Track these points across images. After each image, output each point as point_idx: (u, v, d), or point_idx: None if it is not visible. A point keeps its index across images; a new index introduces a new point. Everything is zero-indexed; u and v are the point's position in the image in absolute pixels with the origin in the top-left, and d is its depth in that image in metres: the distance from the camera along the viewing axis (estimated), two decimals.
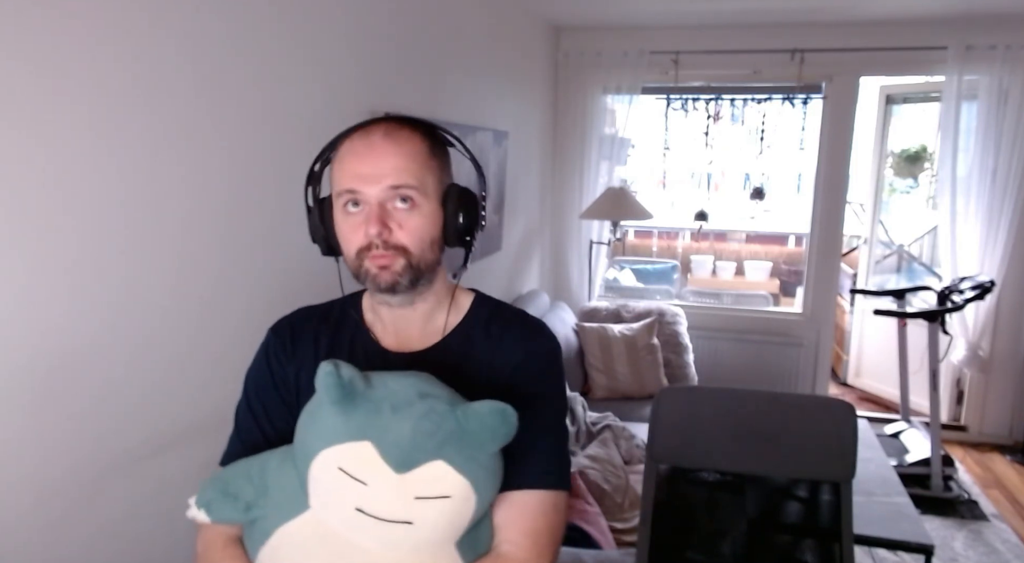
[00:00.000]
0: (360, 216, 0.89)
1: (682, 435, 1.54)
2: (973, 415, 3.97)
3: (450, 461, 0.79)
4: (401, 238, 0.89)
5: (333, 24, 1.83)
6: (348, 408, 0.79)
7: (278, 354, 0.99)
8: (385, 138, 0.90)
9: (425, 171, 0.91)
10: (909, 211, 5.47)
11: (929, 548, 2.19)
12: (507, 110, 3.30)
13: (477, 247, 1.02)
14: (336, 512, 0.80)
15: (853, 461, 1.45)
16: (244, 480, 0.88)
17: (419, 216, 0.90)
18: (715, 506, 1.59)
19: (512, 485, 0.88)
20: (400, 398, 0.81)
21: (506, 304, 1.06)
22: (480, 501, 0.82)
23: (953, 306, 3.33)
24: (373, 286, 0.92)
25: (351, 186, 0.89)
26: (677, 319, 3.91)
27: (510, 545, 0.89)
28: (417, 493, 0.78)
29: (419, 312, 0.98)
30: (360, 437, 0.78)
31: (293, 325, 1.02)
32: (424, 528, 0.79)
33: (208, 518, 0.88)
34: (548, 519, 0.92)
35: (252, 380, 1.00)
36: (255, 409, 0.98)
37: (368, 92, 2.03)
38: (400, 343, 0.98)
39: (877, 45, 3.73)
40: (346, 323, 1.01)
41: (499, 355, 0.97)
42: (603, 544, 2.12)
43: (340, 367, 0.79)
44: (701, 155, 4.25)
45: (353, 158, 0.90)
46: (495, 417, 0.80)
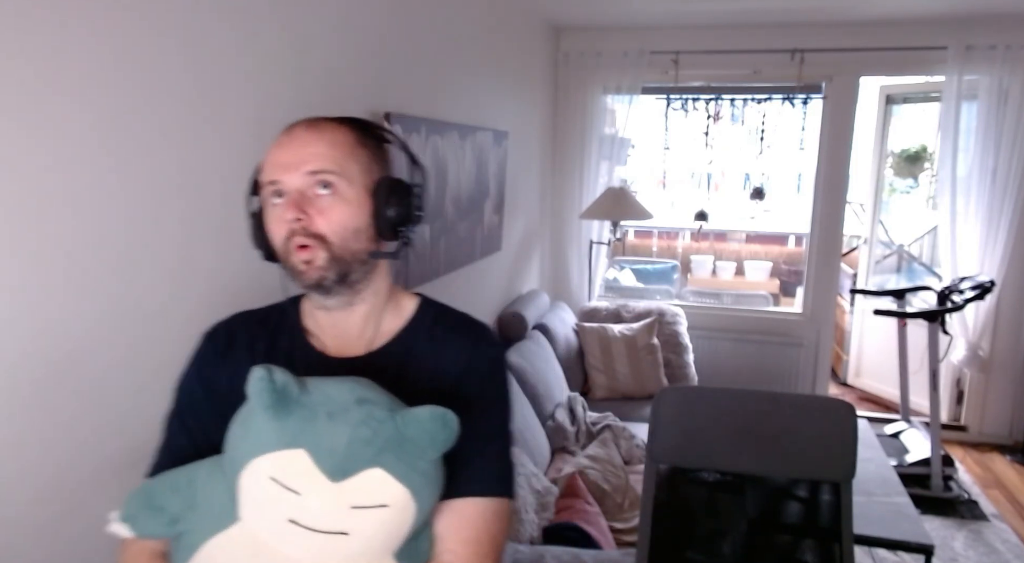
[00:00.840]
0: (281, 205, 0.87)
1: (682, 435, 1.54)
2: (973, 415, 3.97)
3: (388, 469, 0.75)
4: (320, 225, 0.86)
5: (333, 24, 1.83)
6: (281, 415, 0.75)
7: (210, 360, 0.95)
8: (307, 128, 0.89)
9: (349, 159, 0.88)
10: (909, 211, 5.47)
11: (929, 548, 2.19)
12: (507, 110, 3.30)
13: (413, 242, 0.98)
14: (267, 523, 0.77)
15: (853, 461, 1.45)
16: (170, 492, 0.84)
17: (341, 203, 0.87)
18: (715, 506, 1.60)
19: (454, 493, 0.86)
20: (337, 404, 0.77)
21: (451, 308, 1.03)
22: (419, 510, 0.79)
23: (953, 306, 3.33)
24: (302, 283, 0.89)
25: (272, 176, 0.87)
26: (677, 319, 3.91)
27: (451, 555, 0.86)
28: (353, 503, 0.74)
29: (358, 315, 0.95)
30: (294, 445, 0.74)
31: (229, 330, 0.98)
32: (360, 539, 0.76)
33: (131, 533, 0.84)
34: (490, 528, 0.89)
35: (183, 388, 0.96)
36: (185, 419, 0.94)
37: (368, 92, 2.03)
38: (340, 348, 0.95)
39: (877, 45, 3.73)
40: (284, 328, 0.97)
41: (443, 360, 0.94)
42: (603, 544, 2.12)
43: (273, 372, 0.75)
44: (701, 155, 4.25)
45: (276, 149, 0.88)
46: (435, 422, 0.77)
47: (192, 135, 1.36)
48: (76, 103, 1.11)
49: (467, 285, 2.90)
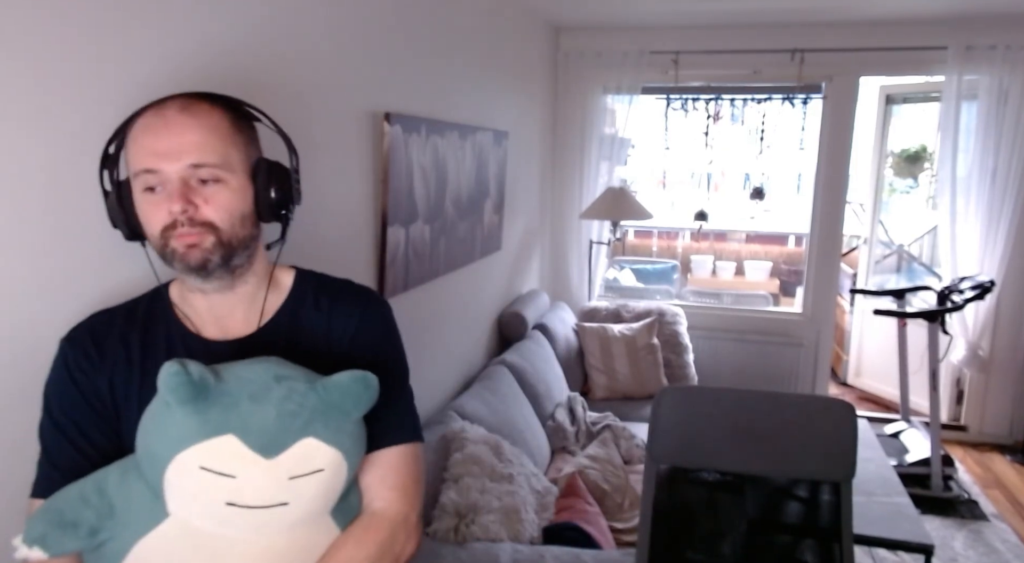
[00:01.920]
0: (161, 194, 0.84)
1: (682, 435, 1.54)
2: (973, 415, 3.97)
3: (318, 436, 0.80)
4: (208, 214, 0.85)
5: (332, 24, 1.83)
6: (202, 406, 0.76)
7: (81, 365, 0.90)
8: (182, 112, 0.85)
9: (228, 146, 0.87)
10: (909, 211, 5.47)
11: (929, 548, 2.19)
12: (507, 110, 3.30)
13: (293, 223, 1.00)
14: (204, 511, 0.78)
15: (853, 461, 1.45)
16: (80, 505, 0.82)
17: (227, 191, 0.87)
18: (715, 506, 1.59)
19: (372, 446, 0.91)
20: (256, 385, 0.79)
21: (330, 276, 1.04)
22: (351, 467, 0.84)
23: (953, 306, 3.33)
24: (182, 267, 0.86)
25: (148, 165, 0.83)
26: (677, 319, 3.91)
27: (381, 501, 0.92)
28: (290, 473, 0.78)
29: (240, 295, 0.94)
30: (220, 432, 0.76)
31: (93, 331, 0.93)
32: (300, 505, 0.80)
33: (45, 554, 0.81)
34: (411, 470, 0.96)
35: (55, 398, 0.91)
36: (65, 429, 0.89)
37: (368, 92, 2.03)
38: (222, 331, 0.94)
39: (877, 45, 3.73)
40: (156, 319, 0.94)
41: (334, 327, 0.96)
42: (603, 544, 2.12)
43: (187, 365, 0.76)
44: (701, 155, 4.25)
45: (148, 134, 0.84)
46: (356, 385, 0.82)
47: None
48: (63, 101, 1.11)
49: (467, 285, 2.90)
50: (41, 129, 1.05)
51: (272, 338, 0.94)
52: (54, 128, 1.06)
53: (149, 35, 1.24)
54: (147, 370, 0.90)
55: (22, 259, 1.03)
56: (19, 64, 1.00)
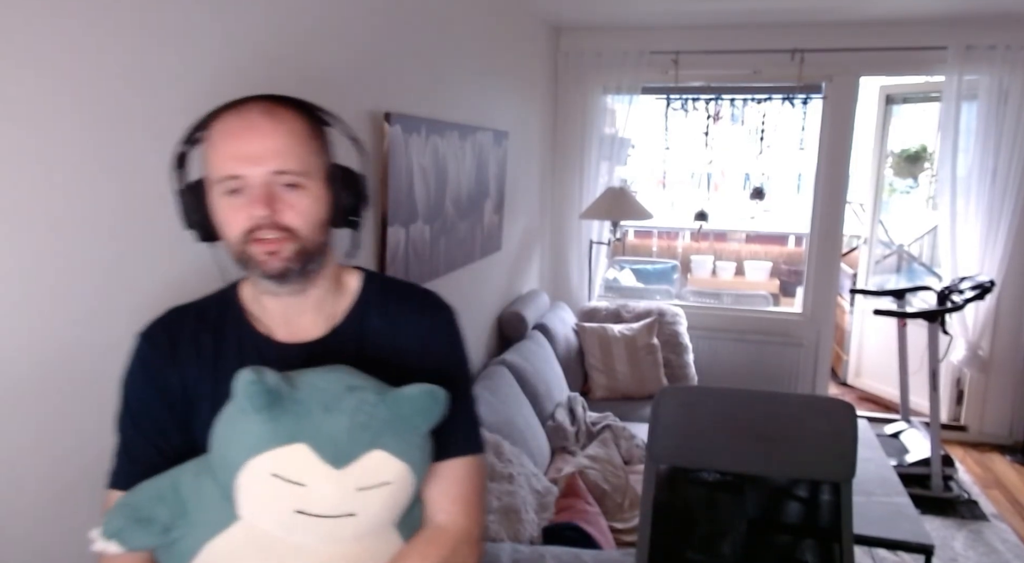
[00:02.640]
0: (244, 198, 0.84)
1: (682, 435, 1.54)
2: (973, 415, 3.97)
3: (387, 448, 0.80)
4: (290, 219, 0.85)
5: (332, 24, 1.83)
6: (276, 413, 0.77)
7: (156, 362, 0.92)
8: (265, 116, 0.85)
9: (308, 152, 0.87)
10: (909, 211, 5.47)
11: (929, 548, 2.19)
12: (507, 110, 3.30)
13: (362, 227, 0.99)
14: (274, 518, 0.79)
15: (853, 461, 1.45)
16: (155, 502, 0.83)
17: (307, 198, 0.86)
18: (715, 506, 1.59)
19: (436, 457, 0.90)
20: (329, 395, 0.80)
21: (394, 279, 1.04)
22: (417, 481, 0.84)
23: (953, 306, 3.33)
24: (260, 273, 0.87)
25: (232, 170, 0.83)
26: (677, 319, 3.91)
27: (444, 514, 0.92)
28: (359, 485, 0.78)
29: (311, 299, 0.93)
30: (292, 440, 0.77)
31: (168, 328, 0.94)
32: (368, 517, 0.80)
33: (121, 548, 0.82)
34: (474, 483, 0.95)
35: (132, 393, 0.93)
36: (142, 424, 0.91)
37: (368, 92, 2.03)
38: (292, 334, 0.94)
39: (877, 45, 3.73)
40: (228, 319, 0.95)
41: (400, 334, 0.96)
42: (603, 544, 2.12)
43: (263, 373, 0.77)
44: (701, 155, 4.25)
45: (231, 138, 0.84)
46: (425, 399, 0.82)
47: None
48: (65, 104, 1.11)
49: (467, 285, 2.90)
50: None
51: (340, 342, 0.94)
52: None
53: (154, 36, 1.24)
54: (220, 371, 0.90)
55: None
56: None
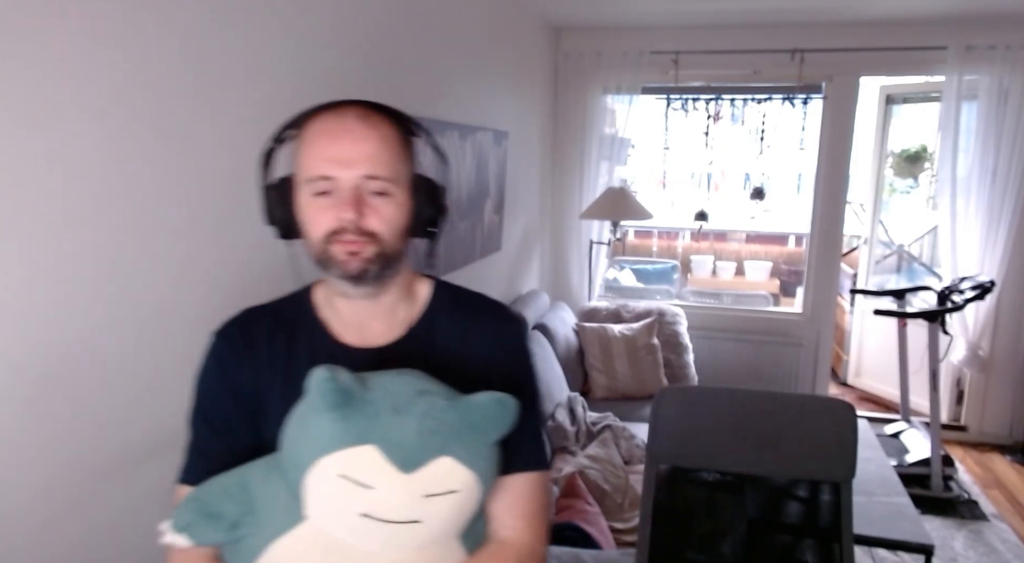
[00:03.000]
0: (332, 199, 0.86)
1: (682, 435, 1.54)
2: (973, 415, 3.97)
3: (456, 456, 0.78)
4: (374, 224, 0.86)
5: (333, 24, 1.83)
6: (347, 413, 0.77)
7: (231, 360, 0.94)
8: (361, 121, 0.87)
9: (398, 160, 0.89)
10: (909, 211, 5.47)
11: (929, 548, 2.19)
12: (507, 110, 3.30)
13: (441, 239, 1.00)
14: (339, 520, 0.78)
15: (853, 461, 1.45)
16: (224, 498, 0.84)
17: (392, 204, 0.88)
18: (715, 506, 1.59)
19: (503, 471, 0.89)
20: (399, 398, 0.79)
21: (465, 289, 1.04)
22: (484, 491, 0.83)
23: (953, 306, 3.33)
24: (339, 273, 0.88)
25: (325, 171, 0.85)
26: (677, 319, 3.91)
27: (509, 530, 0.91)
28: (426, 491, 0.77)
29: (383, 305, 0.95)
30: (361, 441, 0.76)
31: (243, 327, 0.96)
32: (432, 525, 0.79)
33: (189, 542, 0.83)
34: (539, 500, 0.94)
35: (206, 390, 0.94)
36: (213, 421, 0.93)
37: (368, 92, 2.02)
38: (362, 338, 0.95)
39: (877, 45, 3.73)
40: (301, 321, 0.96)
41: (469, 344, 0.96)
42: (603, 544, 2.12)
43: (337, 372, 0.77)
44: (701, 155, 4.25)
45: (326, 140, 0.86)
46: (496, 407, 0.81)
47: (192, 135, 1.36)
48: (75, 103, 1.11)
49: (467, 285, 2.89)
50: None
51: (410, 348, 0.95)
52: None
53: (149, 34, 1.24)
54: (290, 372, 0.92)
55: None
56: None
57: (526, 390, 0.95)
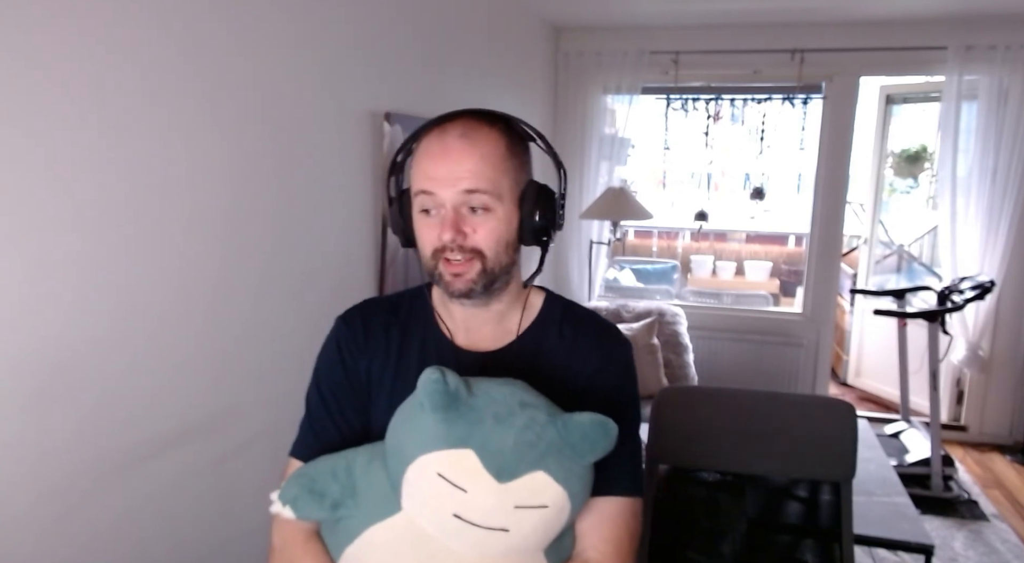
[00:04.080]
0: (435, 218, 0.89)
1: (682, 435, 1.54)
2: (973, 415, 3.97)
3: (550, 472, 0.79)
4: (477, 242, 0.89)
5: (333, 24, 1.83)
6: (451, 415, 0.79)
7: (350, 346, 0.98)
8: (461, 138, 0.89)
9: (500, 173, 0.90)
10: (909, 211, 5.47)
11: (929, 548, 2.18)
12: (507, 110, 3.28)
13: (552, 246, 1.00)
14: (432, 516, 0.80)
15: (853, 461, 1.45)
16: (330, 478, 0.87)
17: (494, 220, 0.90)
18: (715, 506, 1.59)
19: (596, 492, 0.88)
20: (502, 407, 0.81)
21: (576, 304, 1.05)
22: (574, 510, 0.83)
23: (953, 306, 3.33)
24: (447, 291, 0.92)
25: (425, 187, 0.88)
26: (677, 319, 3.91)
27: (595, 552, 0.90)
28: (517, 503, 0.78)
29: (493, 312, 0.97)
30: (462, 445, 0.78)
31: (364, 316, 1.00)
32: (519, 536, 0.80)
33: (293, 514, 0.87)
34: (629, 526, 0.94)
35: (324, 371, 0.99)
36: (328, 401, 0.97)
37: (368, 92, 2.03)
38: (471, 341, 0.98)
39: (877, 45, 3.73)
40: (416, 317, 1.00)
41: (575, 359, 0.97)
42: None
43: (446, 375, 0.79)
44: (701, 155, 4.25)
45: (428, 159, 0.89)
46: (596, 429, 0.81)
47: (194, 135, 1.36)
48: (80, 104, 1.11)
49: None
50: None
51: (516, 356, 0.97)
52: None
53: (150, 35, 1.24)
54: (401, 363, 0.97)
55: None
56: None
57: (627, 413, 0.95)
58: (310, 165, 1.76)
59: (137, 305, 1.27)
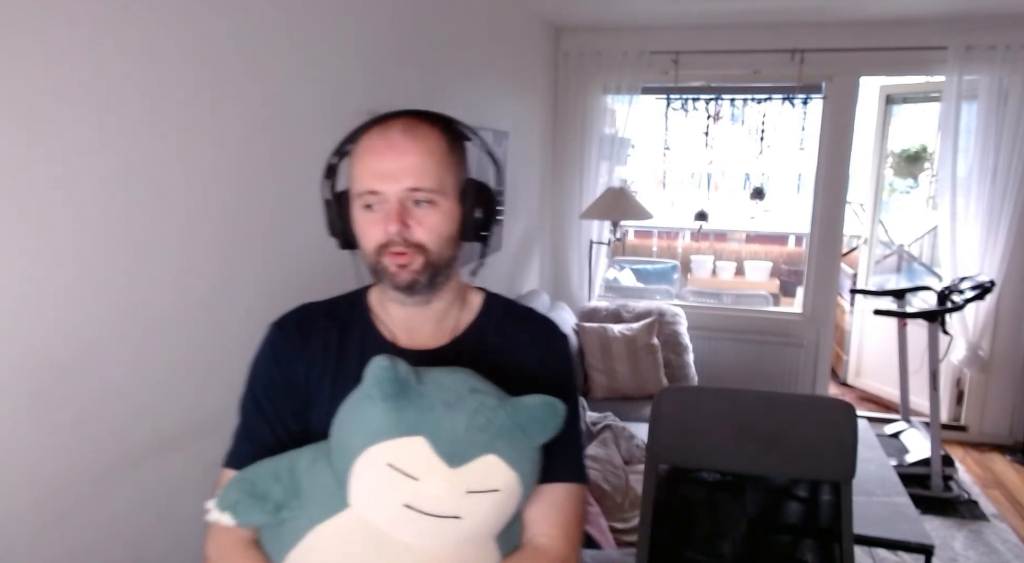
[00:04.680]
0: (379, 213, 0.89)
1: (682, 435, 1.54)
2: (973, 415, 3.97)
3: (501, 454, 0.80)
4: (419, 235, 0.89)
5: (333, 24, 1.83)
6: (401, 404, 0.78)
7: (286, 350, 0.97)
8: (404, 134, 0.90)
9: (444, 169, 0.91)
10: (909, 211, 5.47)
11: (929, 548, 2.19)
12: (507, 110, 3.30)
13: (492, 242, 1.01)
14: (382, 509, 0.80)
15: (853, 461, 1.45)
16: (272, 480, 0.85)
17: (438, 214, 0.91)
18: (715, 506, 1.59)
19: (542, 480, 0.90)
20: (452, 394, 0.81)
21: (515, 302, 1.07)
22: (524, 494, 0.84)
23: (953, 306, 3.33)
24: (391, 285, 0.92)
25: (371, 186, 0.89)
26: (677, 319, 3.91)
27: (545, 537, 0.92)
28: (469, 487, 0.78)
29: (433, 310, 0.98)
30: (413, 432, 0.78)
31: (300, 321, 1.00)
32: (472, 523, 0.80)
33: (233, 521, 0.84)
34: (576, 511, 0.96)
35: (259, 377, 0.97)
36: (264, 407, 0.95)
37: (368, 92, 2.03)
38: (412, 341, 0.98)
39: (877, 45, 3.73)
40: (355, 320, 1.00)
41: (516, 354, 0.99)
42: (603, 544, 2.12)
43: (396, 363, 0.78)
44: (701, 155, 4.25)
45: (372, 156, 0.90)
46: (545, 410, 0.82)
47: (194, 135, 1.36)
48: (78, 104, 1.11)
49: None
50: None
51: (458, 354, 0.97)
52: None
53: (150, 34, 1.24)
54: (340, 367, 0.96)
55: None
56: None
57: (568, 403, 0.95)
58: (310, 166, 1.76)
59: (137, 304, 1.27)
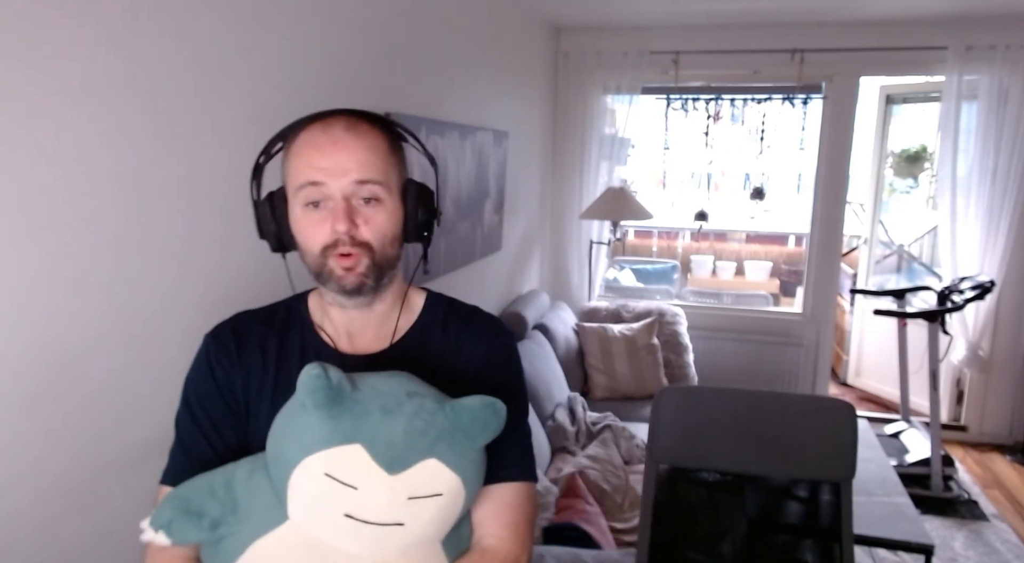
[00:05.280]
0: (324, 212, 0.86)
1: (682, 435, 1.54)
2: (973, 415, 3.97)
3: (442, 458, 0.78)
4: (366, 234, 0.87)
5: (333, 24, 1.83)
6: (336, 412, 0.76)
7: (221, 361, 0.93)
8: (347, 131, 0.87)
9: (388, 166, 0.89)
10: (909, 211, 5.47)
11: (929, 548, 2.19)
12: (507, 110, 3.30)
13: (434, 243, 1.00)
14: (322, 520, 0.77)
15: (853, 461, 1.45)
16: (207, 496, 0.82)
17: (384, 212, 0.88)
18: (715, 506, 1.59)
19: (488, 480, 0.88)
20: (389, 399, 0.79)
21: (459, 301, 1.04)
22: (468, 497, 0.82)
23: (953, 306, 3.33)
24: (337, 288, 0.89)
25: (314, 178, 0.85)
26: (677, 319, 3.91)
27: (493, 539, 0.90)
28: (410, 493, 0.76)
29: (376, 313, 0.95)
30: (349, 440, 0.75)
31: (236, 330, 0.96)
32: (416, 528, 0.78)
33: (168, 540, 0.81)
34: (525, 510, 0.94)
35: (194, 390, 0.94)
36: (200, 421, 0.92)
37: (368, 92, 2.03)
38: (354, 345, 0.95)
39: (877, 45, 3.73)
40: (294, 326, 0.96)
41: (460, 354, 0.96)
42: (603, 544, 2.12)
43: (328, 370, 0.76)
44: (701, 155, 4.25)
45: (314, 151, 0.86)
46: (486, 410, 0.80)
47: (193, 135, 1.36)
48: (77, 104, 1.11)
49: (467, 285, 2.90)
50: None
51: (401, 357, 0.95)
52: None
53: (150, 35, 1.24)
54: (280, 376, 0.93)
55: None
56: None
57: (515, 402, 0.94)
58: None
59: (136, 304, 1.27)
